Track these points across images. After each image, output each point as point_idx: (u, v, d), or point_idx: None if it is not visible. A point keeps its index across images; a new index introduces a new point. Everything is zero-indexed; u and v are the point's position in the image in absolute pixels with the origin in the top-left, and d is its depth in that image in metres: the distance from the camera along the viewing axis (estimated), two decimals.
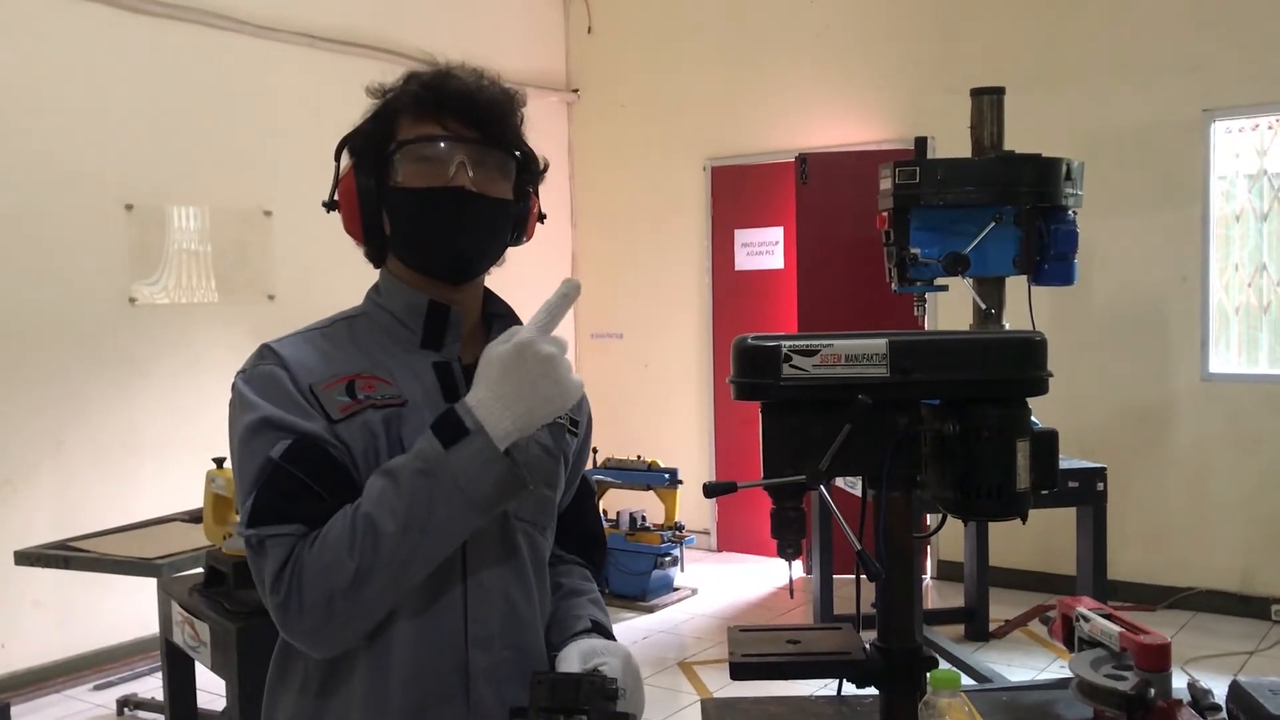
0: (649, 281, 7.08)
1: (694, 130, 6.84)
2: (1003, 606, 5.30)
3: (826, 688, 1.67)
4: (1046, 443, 1.48)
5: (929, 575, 6.10)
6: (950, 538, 5.48)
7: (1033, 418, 1.48)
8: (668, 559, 5.74)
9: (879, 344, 1.43)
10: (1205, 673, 4.31)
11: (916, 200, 3.88)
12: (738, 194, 6.73)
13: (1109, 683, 1.53)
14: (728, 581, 6.17)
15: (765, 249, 6.65)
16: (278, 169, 5.47)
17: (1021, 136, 4.32)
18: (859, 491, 1.52)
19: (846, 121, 6.34)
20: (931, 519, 1.61)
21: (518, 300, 1.54)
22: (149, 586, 3.40)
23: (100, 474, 4.86)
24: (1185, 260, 5.43)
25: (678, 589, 5.89)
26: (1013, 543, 5.39)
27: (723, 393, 6.62)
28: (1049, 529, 4.49)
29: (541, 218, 1.54)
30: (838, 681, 1.57)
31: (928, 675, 1.39)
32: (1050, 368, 1.49)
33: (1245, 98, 5.28)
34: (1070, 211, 3.97)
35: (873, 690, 1.54)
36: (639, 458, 5.98)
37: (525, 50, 7.01)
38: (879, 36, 6.23)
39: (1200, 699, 1.59)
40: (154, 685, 4.37)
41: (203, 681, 3.28)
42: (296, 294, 5.50)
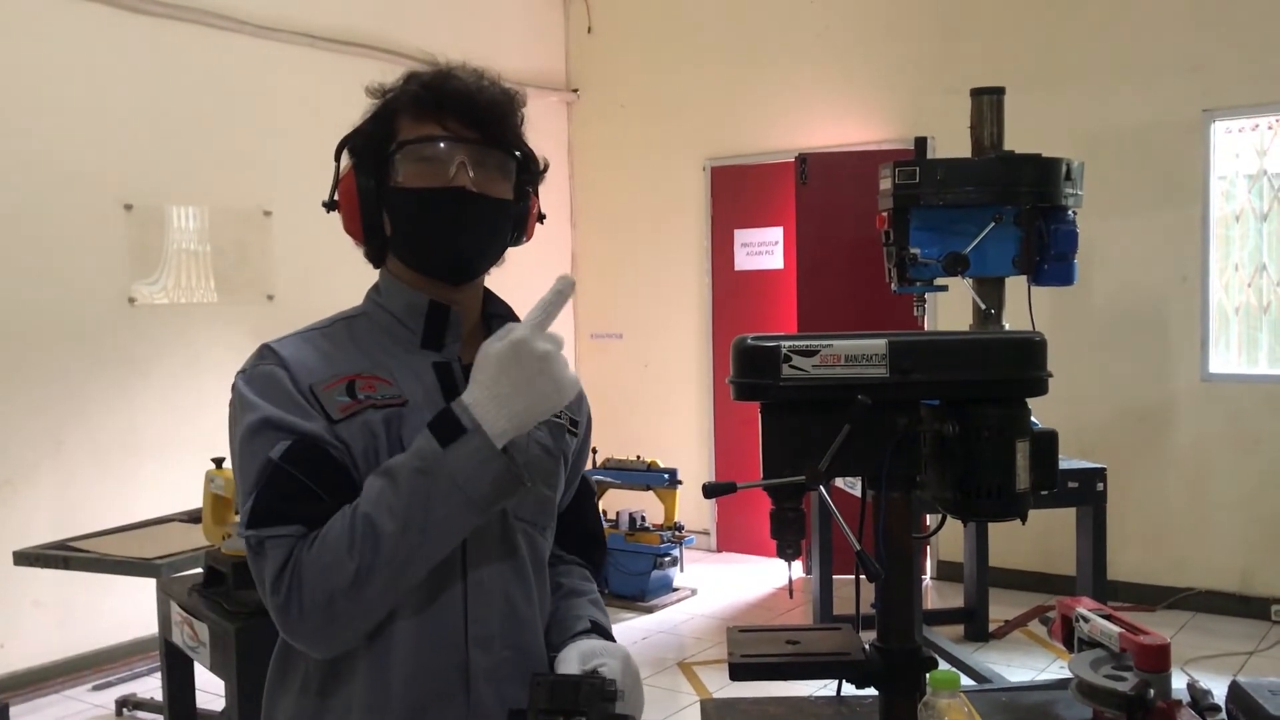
0: (649, 281, 7.08)
1: (694, 130, 6.84)
2: (1002, 607, 5.30)
3: (826, 688, 1.67)
4: (1046, 443, 1.49)
5: (929, 575, 6.09)
6: (950, 538, 5.48)
7: (1032, 418, 1.48)
8: (667, 559, 5.74)
9: (878, 344, 1.43)
10: (1205, 673, 4.31)
11: (916, 200, 3.88)
12: (737, 194, 6.73)
13: (1109, 683, 1.53)
14: (727, 582, 6.17)
15: (765, 249, 6.65)
16: (277, 169, 5.47)
17: (1021, 136, 4.31)
18: (858, 492, 1.52)
19: (846, 121, 6.34)
20: (931, 519, 1.62)
21: (517, 300, 1.54)
22: (148, 587, 3.40)
23: (100, 474, 4.86)
24: (1185, 260, 5.43)
25: (677, 589, 5.89)
26: (1012, 543, 5.39)
27: (722, 393, 6.62)
28: (1049, 529, 4.49)
29: (541, 218, 1.54)
30: (837, 682, 1.57)
31: (927, 676, 1.40)
32: (1050, 368, 1.49)
33: (1245, 98, 5.28)
34: (1070, 211, 3.96)
35: (872, 691, 1.54)
36: (638, 458, 5.98)
37: (525, 50, 7.01)
38: (879, 36, 6.23)
39: (1200, 699, 1.59)
40: (153, 685, 4.37)
41: (202, 682, 3.28)
42: (296, 294, 5.50)
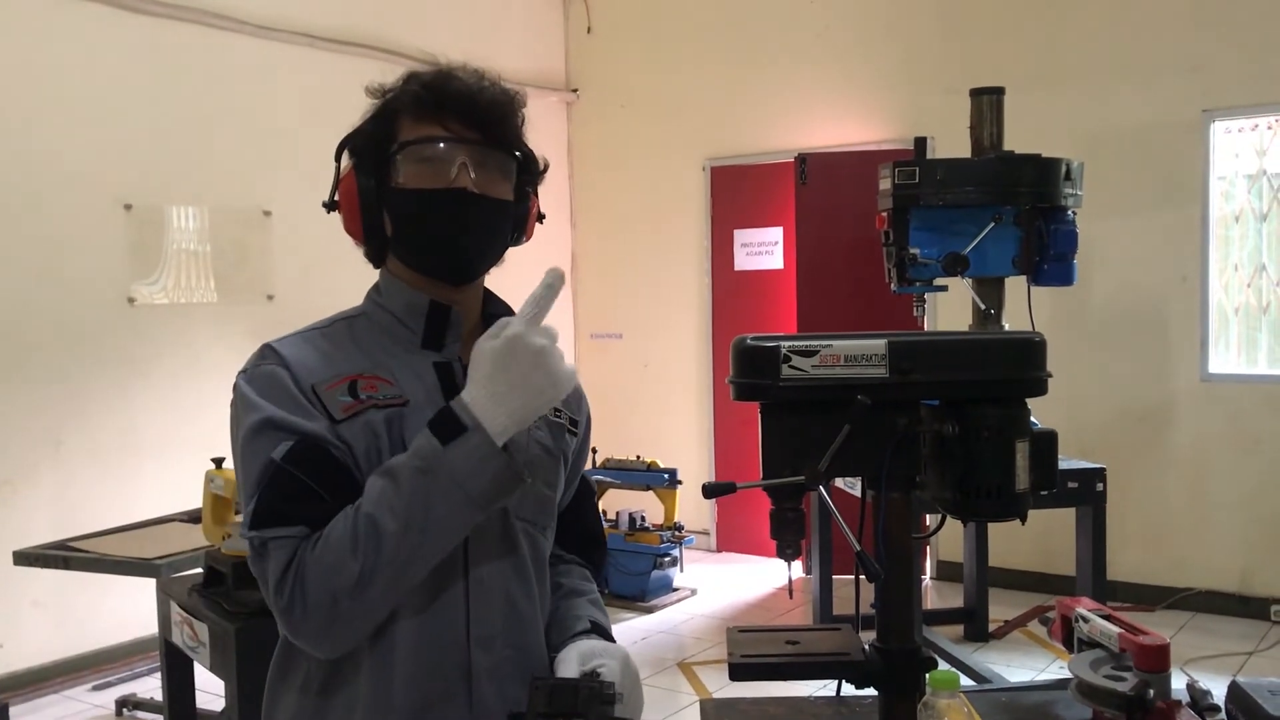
0: (648, 281, 7.08)
1: (694, 130, 6.84)
2: (1002, 607, 5.30)
3: (825, 689, 1.67)
4: (1046, 443, 1.48)
5: (928, 576, 6.09)
6: (950, 538, 5.47)
7: (1032, 418, 1.48)
8: (667, 559, 5.73)
9: (878, 344, 1.43)
10: (1204, 673, 4.32)
11: (916, 200, 3.87)
12: (737, 194, 6.73)
13: (1108, 683, 1.53)
14: (727, 582, 6.17)
15: (765, 249, 6.65)
16: (277, 169, 5.47)
17: (1021, 136, 4.31)
18: (858, 492, 1.52)
19: (846, 121, 6.34)
20: (931, 519, 1.61)
21: (517, 300, 1.54)
22: (148, 587, 3.40)
23: (99, 474, 4.86)
24: (1185, 260, 5.43)
25: (677, 589, 5.89)
26: (1012, 543, 5.39)
27: (722, 393, 6.62)
28: (1048, 529, 4.49)
29: (541, 218, 1.54)
30: (837, 682, 1.57)
31: (927, 676, 1.39)
32: (1050, 368, 1.49)
33: (1245, 98, 5.28)
34: (1070, 212, 3.96)
35: (872, 691, 1.54)
36: (638, 458, 5.98)
37: (525, 50, 7.01)
38: (879, 36, 6.23)
39: (1199, 700, 1.59)
40: (153, 685, 4.37)
41: (201, 682, 3.28)
42: (296, 294, 5.50)
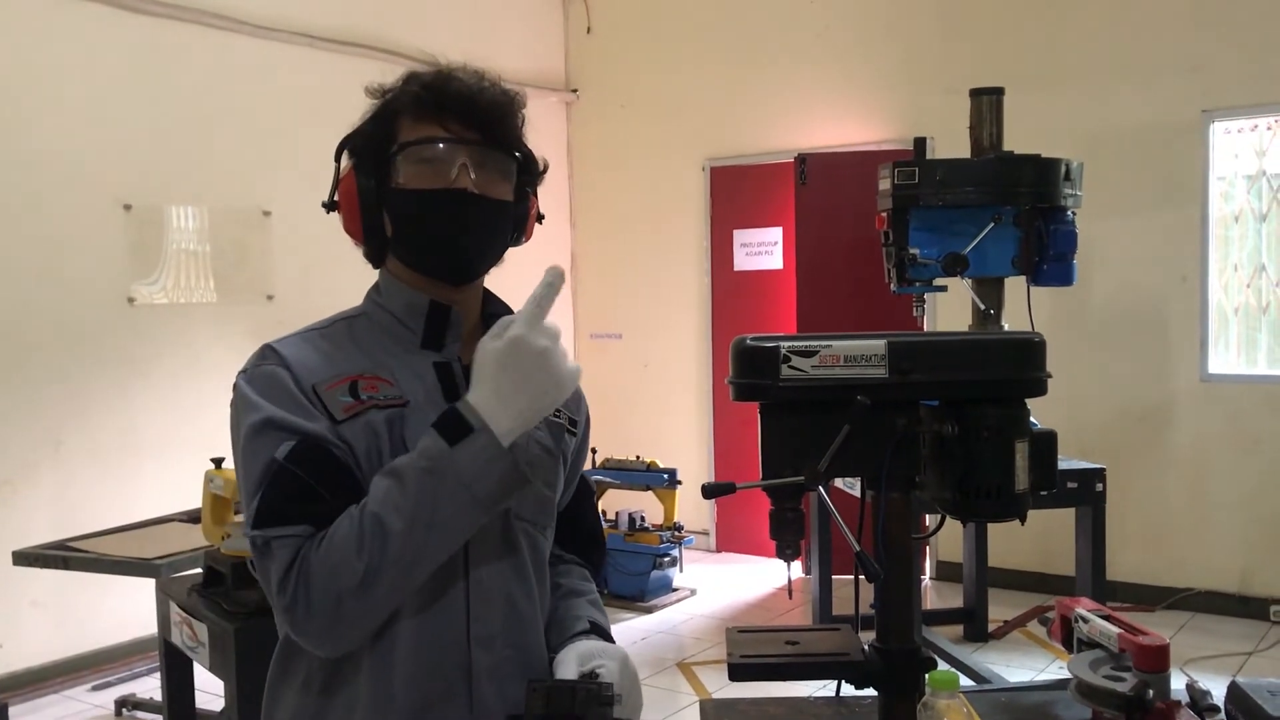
0: (648, 281, 7.08)
1: (693, 130, 6.84)
2: (1002, 607, 5.30)
3: (825, 689, 1.67)
4: (1045, 443, 1.48)
5: (928, 576, 6.09)
6: (949, 538, 5.47)
7: (1032, 418, 1.48)
8: (666, 559, 5.73)
9: (878, 345, 1.43)
10: (1204, 674, 4.32)
11: (916, 200, 3.87)
12: (737, 194, 6.73)
13: (1108, 684, 1.53)
14: (727, 582, 6.17)
15: (764, 249, 6.65)
16: (277, 169, 5.47)
17: (1021, 137, 4.31)
18: (858, 492, 1.52)
19: (846, 121, 6.34)
20: (930, 520, 1.62)
21: (517, 300, 1.54)
22: (147, 587, 3.40)
23: (99, 474, 4.86)
24: (1184, 260, 5.43)
25: (676, 589, 5.89)
26: (1012, 543, 5.39)
27: (722, 393, 6.62)
28: (1048, 529, 4.49)
29: (540, 218, 1.54)
30: (836, 683, 1.57)
31: (926, 676, 1.39)
32: (1049, 368, 1.49)
33: (1244, 98, 5.28)
34: (1069, 212, 3.96)
35: (871, 691, 1.54)
36: (638, 458, 5.98)
37: (525, 50, 7.01)
38: (879, 36, 6.23)
39: (1199, 700, 1.59)
40: (152, 686, 4.37)
41: (201, 682, 3.28)
42: (295, 294, 5.50)
